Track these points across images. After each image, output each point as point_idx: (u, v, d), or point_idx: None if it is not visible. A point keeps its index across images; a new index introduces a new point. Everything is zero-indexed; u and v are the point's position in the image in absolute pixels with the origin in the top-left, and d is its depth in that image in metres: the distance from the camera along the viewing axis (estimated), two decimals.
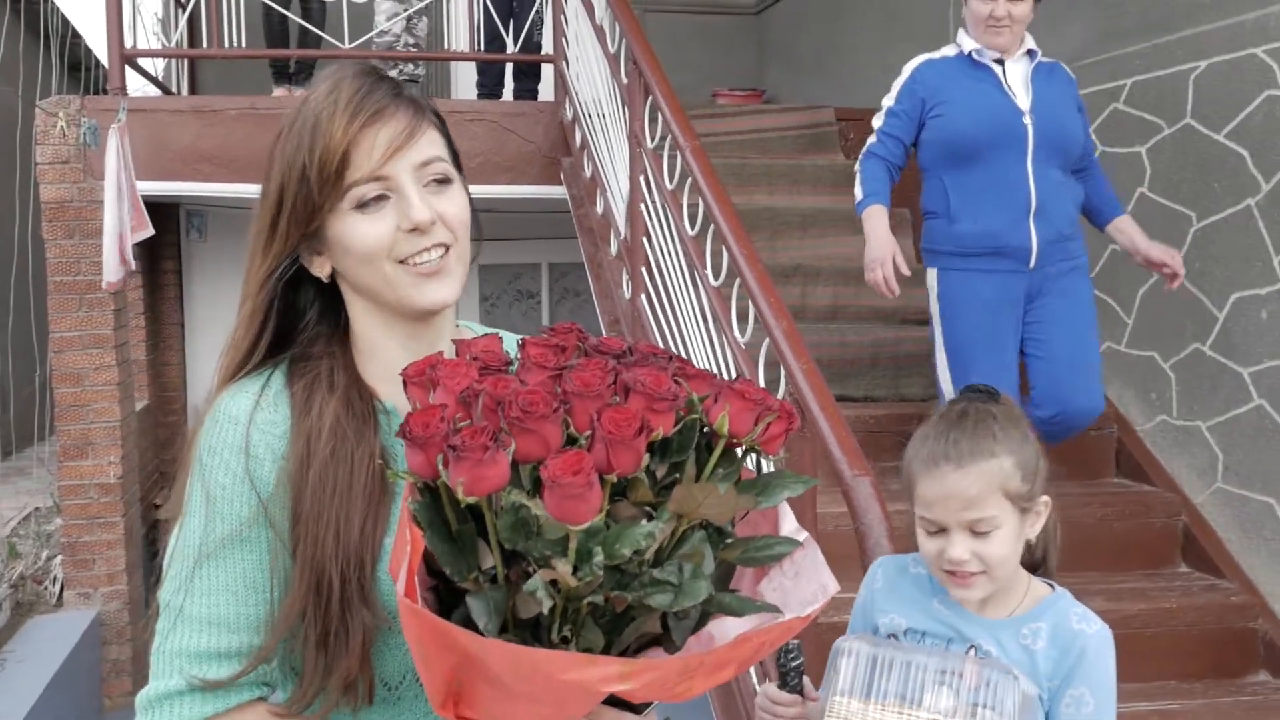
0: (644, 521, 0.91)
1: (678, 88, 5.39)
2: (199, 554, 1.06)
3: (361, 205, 1.09)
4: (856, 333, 4.12)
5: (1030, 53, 3.20)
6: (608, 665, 0.88)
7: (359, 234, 1.10)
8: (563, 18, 5.03)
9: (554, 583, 0.88)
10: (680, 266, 3.44)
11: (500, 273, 7.08)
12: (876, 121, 3.29)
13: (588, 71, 4.57)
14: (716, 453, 0.98)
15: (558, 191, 4.95)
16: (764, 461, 1.91)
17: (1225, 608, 3.29)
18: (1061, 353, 3.15)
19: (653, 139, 3.69)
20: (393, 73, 5.62)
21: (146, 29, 5.61)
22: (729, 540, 1.01)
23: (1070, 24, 4.24)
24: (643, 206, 3.72)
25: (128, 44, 4.79)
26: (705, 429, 0.98)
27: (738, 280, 2.96)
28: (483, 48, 5.41)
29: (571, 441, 0.91)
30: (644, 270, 3.73)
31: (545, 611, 0.89)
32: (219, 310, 6.80)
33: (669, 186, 3.47)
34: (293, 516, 1.05)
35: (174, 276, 6.68)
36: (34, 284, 8.71)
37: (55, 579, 4.88)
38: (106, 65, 6.37)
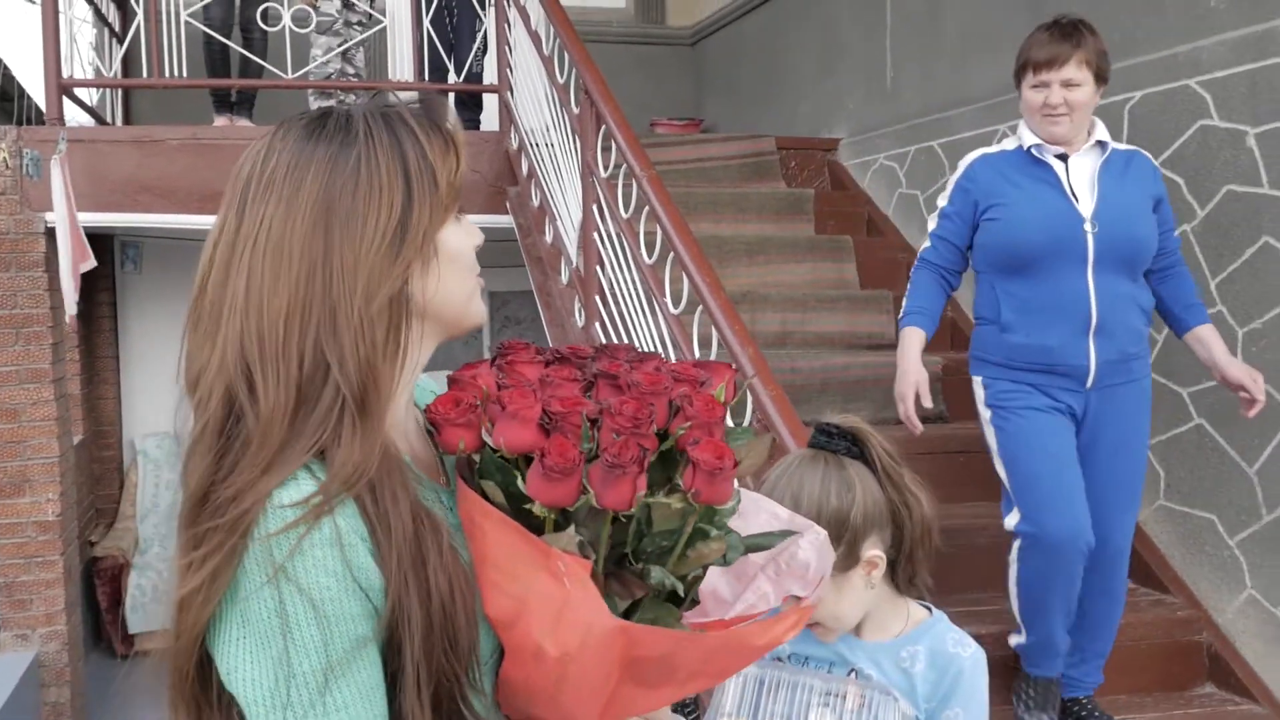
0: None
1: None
2: (325, 673, 0.91)
3: (458, 213, 1.07)
4: (806, 358, 4.15)
5: (1101, 144, 2.85)
6: (786, 618, 1.02)
7: (464, 240, 1.07)
8: (507, 48, 5.02)
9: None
10: (637, 294, 3.44)
11: None
12: (931, 224, 3.04)
13: (534, 101, 4.57)
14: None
15: (504, 220, 4.93)
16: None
17: (1172, 622, 3.35)
18: (1098, 483, 2.81)
19: (605, 168, 3.69)
20: (332, 103, 5.58)
21: (82, 58, 5.49)
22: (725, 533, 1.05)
23: (1007, 54, 4.33)
24: (596, 235, 3.72)
25: (65, 74, 4.69)
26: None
27: (699, 308, 2.97)
28: (427, 78, 5.38)
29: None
30: (598, 298, 3.73)
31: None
32: (154, 343, 6.66)
33: (624, 215, 3.47)
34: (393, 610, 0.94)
35: (109, 309, 6.54)
36: None
37: None
38: (36, 96, 6.20)
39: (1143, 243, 2.80)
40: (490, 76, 5.38)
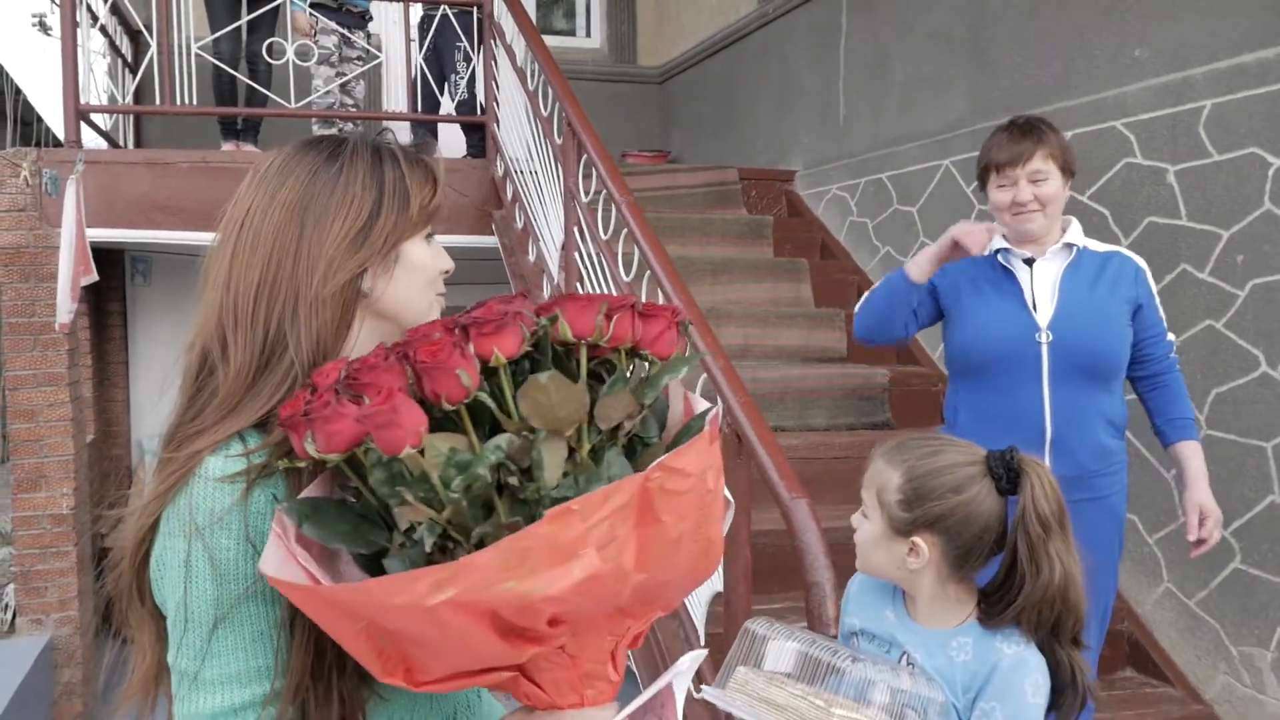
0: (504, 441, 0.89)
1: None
2: (213, 619, 0.97)
3: (428, 235, 1.14)
4: (766, 369, 4.14)
5: (1069, 246, 2.45)
6: (426, 576, 0.82)
7: (429, 259, 1.13)
8: (494, 83, 5.00)
9: (449, 522, 0.86)
10: None
11: None
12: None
13: (519, 131, 4.55)
14: (583, 362, 0.97)
15: (489, 241, 4.90)
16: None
17: None
18: None
19: (586, 193, 3.68)
20: (332, 131, 5.53)
21: (98, 86, 5.41)
22: (651, 442, 0.99)
23: (952, 97, 4.37)
24: (577, 254, 3.70)
25: (82, 100, 4.62)
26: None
27: None
28: (420, 108, 5.34)
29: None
30: None
31: (428, 550, 0.86)
32: (161, 350, 6.56)
33: (604, 237, 3.46)
34: None
35: (119, 318, 6.44)
36: None
37: (7, 606, 4.61)
38: (52, 122, 6.10)
39: (1106, 353, 2.36)
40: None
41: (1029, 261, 2.45)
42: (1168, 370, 2.47)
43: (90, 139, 5.14)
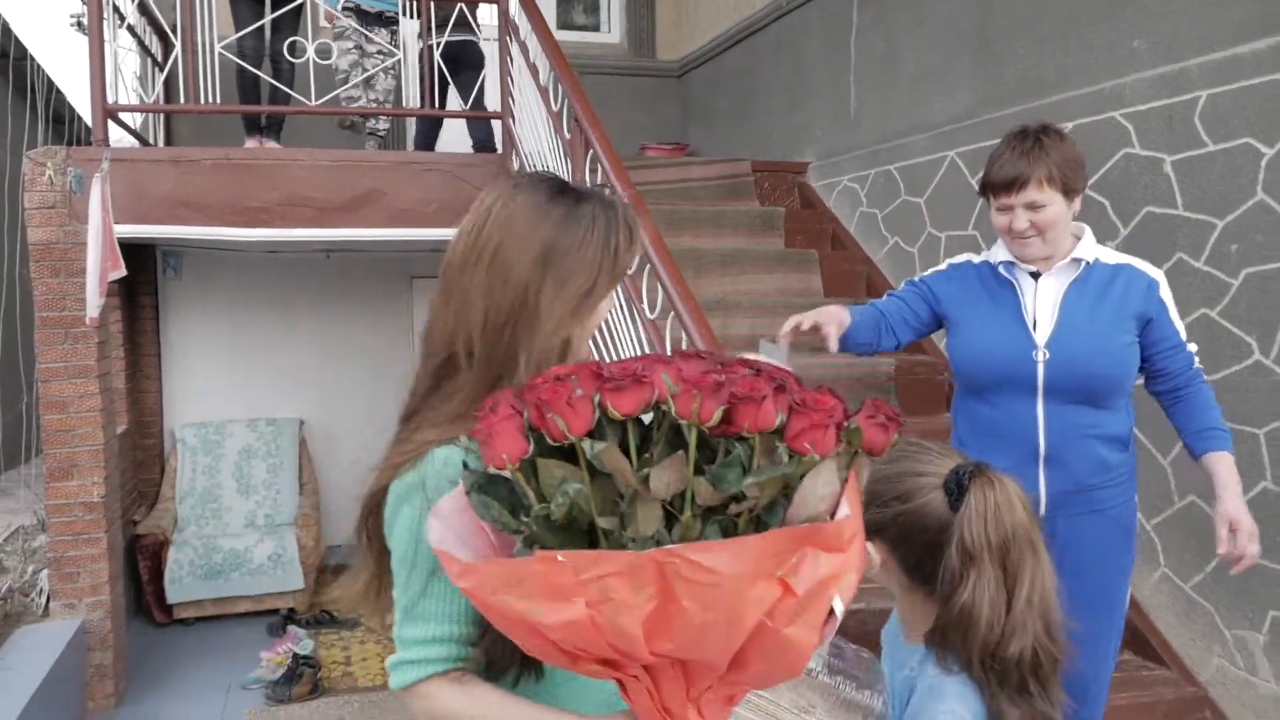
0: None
1: (610, 143, 5.45)
2: (430, 570, 1.20)
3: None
4: None
5: (1078, 261, 2.34)
6: (458, 562, 1.01)
7: (604, 310, 1.30)
8: (509, 80, 5.07)
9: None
10: (619, 301, 3.48)
11: None
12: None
13: (533, 127, 4.61)
14: (691, 444, 1.01)
15: None
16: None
17: None
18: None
19: None
20: (358, 125, 5.63)
21: (126, 85, 5.53)
22: (770, 524, 1.03)
23: (958, 90, 4.38)
24: None
25: (110, 100, 4.73)
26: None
27: (671, 314, 3.01)
28: (438, 105, 5.42)
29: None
30: None
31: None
32: (193, 342, 6.71)
33: None
34: None
35: (151, 311, 6.57)
36: (21, 318, 8.49)
37: (41, 591, 4.75)
38: (87, 118, 6.22)
39: (1103, 377, 2.27)
40: (496, 105, 5.41)
41: (1036, 275, 2.35)
42: (1189, 383, 2.32)
43: (121, 137, 5.26)
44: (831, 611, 0.99)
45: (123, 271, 4.56)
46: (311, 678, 4.83)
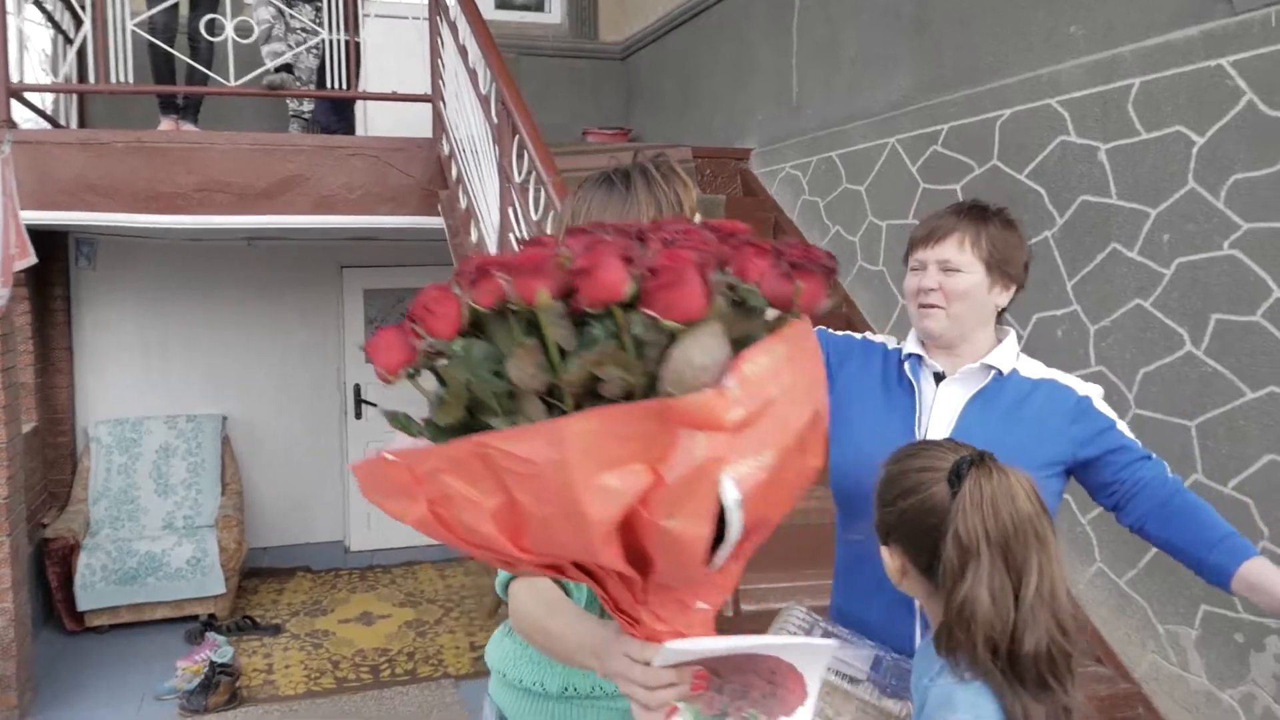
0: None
1: (551, 127, 5.46)
2: None
3: None
4: None
5: (988, 369, 1.95)
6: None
7: None
8: (439, 61, 5.06)
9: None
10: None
11: (384, 296, 7.05)
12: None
13: (463, 111, 4.61)
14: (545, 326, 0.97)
15: (435, 222, 4.97)
16: None
17: None
18: None
19: (520, 174, 3.75)
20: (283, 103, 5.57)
21: (35, 64, 5.45)
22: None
23: (897, 76, 4.45)
24: (511, 236, 3.77)
25: (15, 78, 4.65)
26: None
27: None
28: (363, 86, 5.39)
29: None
30: None
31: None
32: (107, 335, 6.61)
33: (534, 217, 3.53)
34: None
35: (63, 302, 6.48)
36: None
37: None
38: None
39: None
40: (426, 87, 5.39)
41: (939, 378, 1.99)
42: (1175, 492, 1.93)
43: (29, 118, 5.18)
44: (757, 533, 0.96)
45: (32, 259, 4.50)
46: (229, 687, 4.80)
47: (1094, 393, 1.97)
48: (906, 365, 2.01)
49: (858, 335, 2.15)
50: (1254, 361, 2.86)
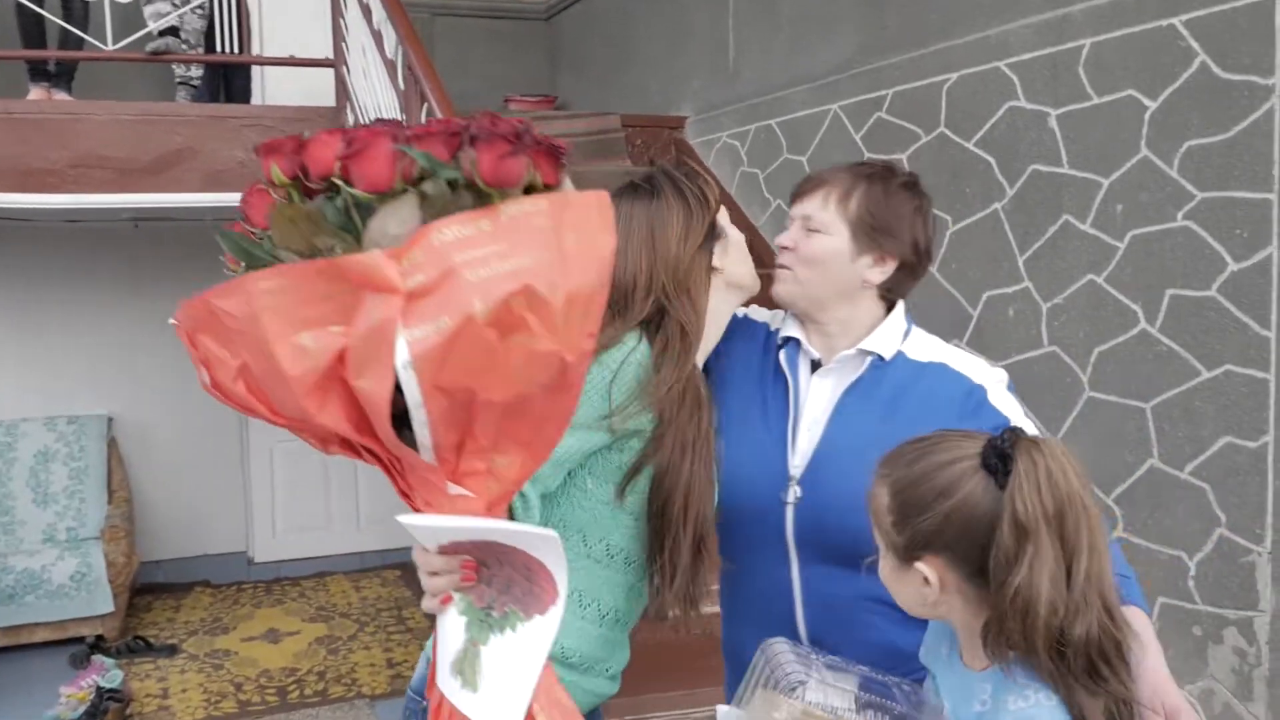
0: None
1: (469, 95, 5.45)
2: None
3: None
4: None
5: (865, 354, 1.82)
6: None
7: (740, 233, 1.94)
8: (342, 21, 5.01)
9: None
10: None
11: None
12: None
13: (369, 76, 4.58)
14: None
15: None
16: None
17: None
18: None
19: None
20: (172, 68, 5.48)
21: None
22: None
23: (839, 38, 4.49)
24: None
25: None
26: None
27: None
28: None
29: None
30: None
31: None
32: None
33: None
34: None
35: None
36: None
37: None
38: None
39: (866, 531, 1.48)
40: (328, 51, 5.34)
41: (816, 366, 1.86)
42: None
43: None
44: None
45: None
46: (118, 713, 4.74)
47: (993, 381, 1.80)
48: (782, 353, 1.88)
49: (740, 310, 1.97)
50: (1209, 339, 2.95)
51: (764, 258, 4.82)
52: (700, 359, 1.83)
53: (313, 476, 7.15)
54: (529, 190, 1.16)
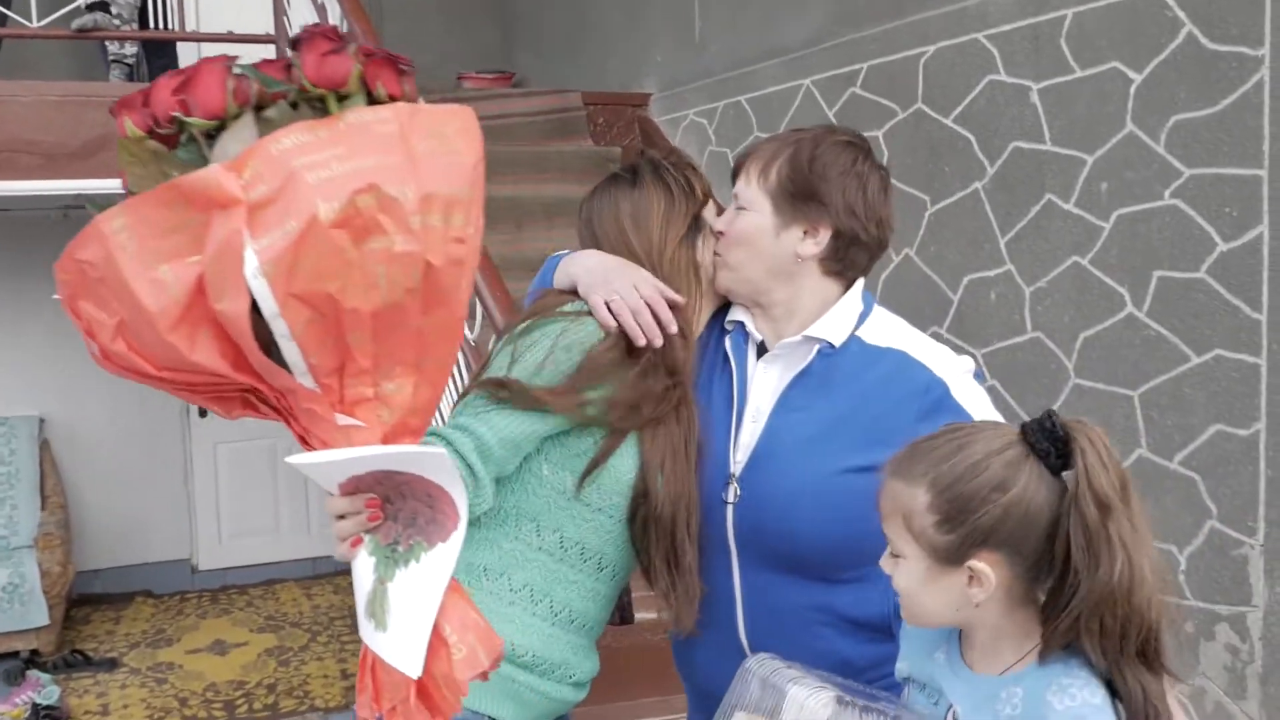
0: None
1: (419, 71, 5.40)
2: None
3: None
4: None
5: (815, 340, 1.74)
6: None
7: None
8: None
9: None
10: None
11: None
12: None
13: None
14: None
15: None
16: None
17: None
18: None
19: None
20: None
21: None
22: None
23: (811, 6, 4.50)
24: None
25: None
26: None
27: None
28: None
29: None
30: None
31: None
32: None
33: None
34: None
35: None
36: None
37: None
38: None
39: (807, 538, 1.64)
40: (267, 26, 5.30)
41: (764, 351, 1.80)
42: None
43: None
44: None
45: None
46: None
47: (957, 373, 1.73)
48: (728, 339, 1.83)
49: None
50: (1198, 323, 2.97)
51: None
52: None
53: (260, 478, 7.11)
54: (373, 103, 1.22)
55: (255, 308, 1.13)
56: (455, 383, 3.11)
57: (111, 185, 4.81)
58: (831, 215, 1.73)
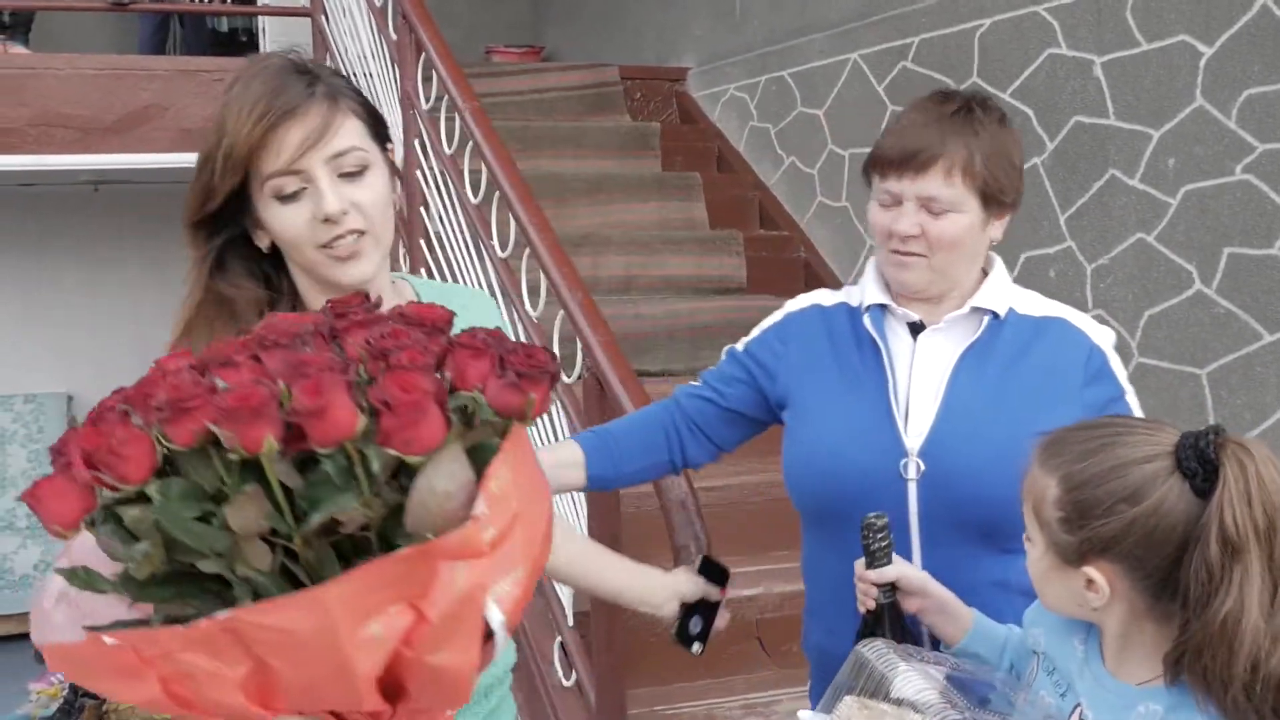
0: None
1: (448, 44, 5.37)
2: None
3: (280, 196, 1.33)
4: (650, 304, 4.24)
5: (982, 311, 1.75)
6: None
7: (280, 222, 1.35)
8: None
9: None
10: (464, 237, 3.47)
11: None
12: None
13: (351, 26, 4.53)
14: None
15: None
16: None
17: None
18: None
19: (427, 100, 3.70)
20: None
21: None
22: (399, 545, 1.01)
23: None
24: (419, 173, 3.73)
25: None
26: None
27: (527, 250, 3.02)
28: None
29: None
30: (423, 242, 3.74)
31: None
32: None
33: (447, 152, 3.49)
34: None
35: None
36: None
37: None
38: None
39: (1011, 502, 1.49)
40: None
41: (916, 329, 1.78)
42: None
43: None
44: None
45: None
46: (95, 710, 4.71)
47: (1106, 342, 1.77)
48: (867, 318, 1.78)
49: (775, 317, 1.92)
50: (1271, 300, 2.96)
51: (777, 219, 4.85)
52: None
53: None
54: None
55: None
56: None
57: (145, 160, 4.82)
58: (1017, 197, 1.77)
